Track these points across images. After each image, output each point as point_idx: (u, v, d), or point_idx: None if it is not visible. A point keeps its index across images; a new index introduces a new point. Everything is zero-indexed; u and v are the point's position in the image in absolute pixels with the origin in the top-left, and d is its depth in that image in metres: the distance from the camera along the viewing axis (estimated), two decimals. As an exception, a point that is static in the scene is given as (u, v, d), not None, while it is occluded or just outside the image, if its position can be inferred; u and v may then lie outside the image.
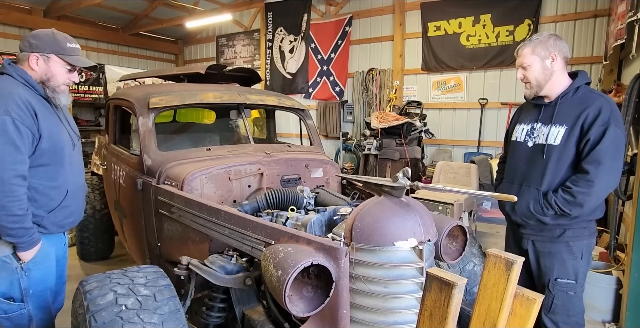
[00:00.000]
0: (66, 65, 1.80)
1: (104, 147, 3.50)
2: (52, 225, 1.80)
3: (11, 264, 1.69)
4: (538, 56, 1.88)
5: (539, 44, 1.88)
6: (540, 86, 1.92)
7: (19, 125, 1.61)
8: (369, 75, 7.53)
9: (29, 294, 1.74)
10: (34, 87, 1.74)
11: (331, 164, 2.68)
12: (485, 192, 1.28)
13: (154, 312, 1.34)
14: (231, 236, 1.71)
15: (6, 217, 1.58)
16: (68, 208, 1.86)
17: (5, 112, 1.58)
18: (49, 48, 1.75)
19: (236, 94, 2.82)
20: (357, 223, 1.40)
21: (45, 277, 1.81)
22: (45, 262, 1.80)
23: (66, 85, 1.85)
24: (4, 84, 1.68)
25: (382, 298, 1.37)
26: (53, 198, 1.79)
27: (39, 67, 1.75)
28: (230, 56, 9.72)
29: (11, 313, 1.72)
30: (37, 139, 1.70)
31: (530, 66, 1.90)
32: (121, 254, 4.05)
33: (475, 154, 6.42)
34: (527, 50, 1.91)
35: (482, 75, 6.51)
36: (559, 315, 1.91)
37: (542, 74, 1.89)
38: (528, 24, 5.96)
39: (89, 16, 8.72)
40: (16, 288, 1.72)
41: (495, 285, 1.31)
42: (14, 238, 1.63)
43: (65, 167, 1.83)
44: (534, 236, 1.97)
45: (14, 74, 1.72)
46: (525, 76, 1.94)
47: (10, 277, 1.70)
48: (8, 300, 1.71)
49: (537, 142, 1.94)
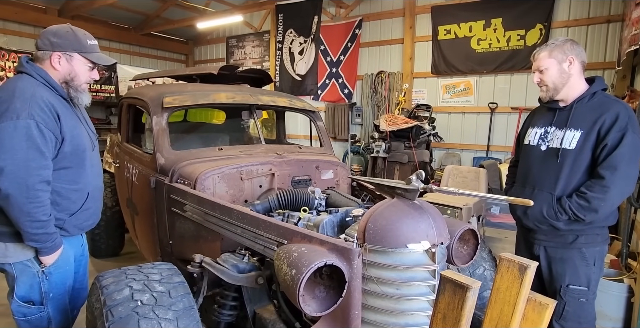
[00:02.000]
0: (88, 63, 1.75)
1: (116, 145, 3.54)
2: (74, 228, 1.80)
3: (32, 268, 1.69)
4: (555, 59, 1.88)
5: (556, 48, 1.88)
6: (557, 89, 1.91)
7: (43, 129, 1.57)
8: (378, 77, 7.54)
9: (49, 297, 1.75)
10: (55, 88, 1.69)
11: (341, 165, 2.69)
12: (500, 196, 1.28)
13: (169, 308, 1.35)
14: (243, 235, 1.72)
15: (30, 223, 1.56)
16: (88, 211, 1.85)
17: (29, 115, 1.54)
18: (71, 46, 1.69)
19: (248, 94, 2.84)
20: (370, 225, 1.41)
21: (65, 280, 1.81)
22: (65, 266, 1.80)
23: (87, 84, 1.81)
24: (26, 85, 1.61)
25: (394, 299, 1.38)
26: (75, 201, 1.77)
27: (62, 67, 1.69)
28: (239, 57, 9.79)
29: (31, 316, 1.73)
30: (60, 142, 1.66)
31: (547, 69, 1.89)
32: (131, 251, 4.09)
33: (484, 158, 6.39)
34: (544, 54, 1.90)
35: (492, 80, 6.49)
36: (570, 322, 1.89)
37: (559, 77, 1.88)
38: (540, 28, 5.94)
39: (102, 16, 8.84)
40: (36, 291, 1.72)
41: (508, 289, 1.31)
42: (37, 243, 1.62)
43: (86, 169, 1.80)
44: (546, 242, 1.96)
45: (34, 73, 1.65)
46: (542, 79, 1.93)
47: (31, 280, 1.70)
48: (27, 303, 1.71)
49: (550, 145, 1.93)
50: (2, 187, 1.50)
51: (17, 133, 1.52)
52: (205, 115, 4.60)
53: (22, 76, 1.66)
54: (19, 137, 1.52)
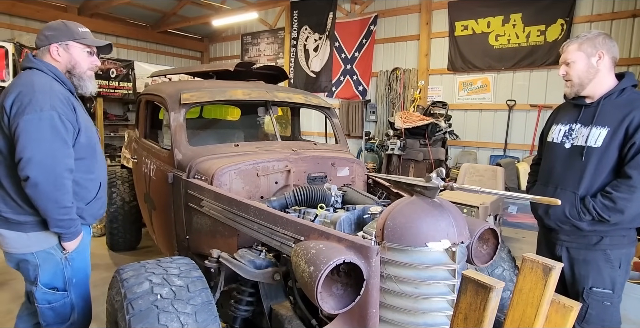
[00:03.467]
0: (85, 48, 1.80)
1: (134, 141, 3.59)
2: (89, 217, 1.86)
3: (55, 255, 1.75)
4: (584, 53, 1.81)
5: (587, 41, 1.81)
6: (583, 85, 1.84)
7: (64, 120, 1.64)
8: (393, 74, 7.46)
9: (72, 283, 1.80)
10: (64, 82, 1.76)
11: (357, 162, 2.66)
12: (526, 195, 1.25)
13: (188, 303, 1.36)
14: (260, 231, 1.72)
15: (58, 210, 1.62)
16: (100, 200, 1.92)
17: (52, 107, 1.60)
18: (65, 36, 1.75)
19: (264, 91, 2.84)
20: (389, 223, 1.39)
21: (86, 266, 1.88)
22: (85, 252, 1.87)
23: (91, 71, 1.86)
24: (42, 79, 1.67)
25: (412, 298, 1.36)
26: (90, 190, 1.84)
27: (61, 57, 1.75)
28: (254, 54, 9.82)
29: (55, 302, 1.78)
30: (77, 133, 1.73)
31: (575, 63, 1.82)
32: (148, 245, 4.16)
33: (502, 156, 6.27)
34: (574, 47, 1.83)
35: (510, 76, 6.35)
36: (593, 325, 1.84)
37: (586, 72, 1.81)
38: (561, 23, 5.77)
39: (120, 14, 8.99)
40: (59, 278, 1.77)
41: (532, 290, 1.28)
42: (62, 229, 1.68)
43: (98, 160, 1.88)
44: (568, 242, 1.90)
45: (44, 68, 1.71)
46: (568, 73, 1.85)
47: (54, 268, 1.76)
48: (52, 290, 1.77)
49: (575, 143, 1.86)
50: (32, 176, 1.56)
51: (42, 124, 1.58)
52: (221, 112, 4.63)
53: (34, 71, 1.72)
54: (44, 128, 1.59)
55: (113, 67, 7.27)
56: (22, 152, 1.56)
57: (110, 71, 7.22)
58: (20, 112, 1.57)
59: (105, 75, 7.19)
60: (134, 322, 1.28)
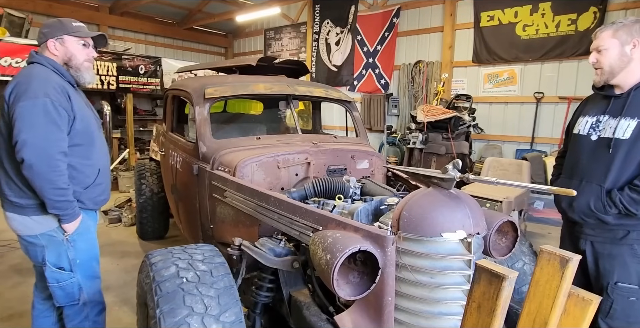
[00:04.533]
0: (79, 40, 1.92)
1: (162, 135, 3.74)
2: (89, 201, 1.97)
3: (57, 237, 1.87)
4: (618, 40, 1.73)
5: (622, 28, 1.72)
6: (613, 73, 1.76)
7: (57, 107, 1.76)
8: (416, 67, 7.35)
9: (77, 264, 1.92)
10: (62, 74, 1.89)
11: (377, 155, 2.68)
12: (540, 186, 1.24)
13: (211, 286, 1.44)
14: (280, 221, 1.78)
15: (53, 190, 1.73)
16: (100, 186, 2.02)
17: (45, 94, 1.73)
18: (59, 31, 1.88)
19: (285, 85, 2.89)
20: (405, 213, 1.41)
21: (89, 247, 1.99)
22: (87, 234, 1.97)
23: (89, 62, 1.97)
24: (40, 71, 1.83)
25: (427, 288, 1.38)
26: (88, 175, 1.94)
27: (58, 51, 1.89)
28: (277, 49, 9.90)
29: (63, 281, 1.90)
30: (72, 119, 1.84)
31: (607, 50, 1.75)
32: (175, 235, 4.34)
33: (528, 150, 6.10)
34: (608, 33, 1.75)
35: (538, 68, 6.14)
36: (618, 321, 1.80)
37: (619, 60, 1.73)
38: (594, 11, 5.52)
39: (148, 12, 9.26)
40: (64, 258, 1.89)
41: (548, 282, 1.28)
42: (59, 210, 1.78)
43: (96, 147, 1.98)
44: (593, 236, 1.86)
45: (44, 62, 1.86)
46: (599, 60, 1.78)
47: (58, 249, 1.88)
48: (59, 269, 1.90)
49: (602, 135, 1.80)
50: (26, 158, 1.68)
51: (36, 110, 1.71)
52: (244, 106, 4.73)
53: (34, 65, 1.88)
54: (38, 113, 1.72)
55: (142, 63, 7.51)
56: (17, 135, 1.69)
57: (139, 68, 7.46)
58: (17, 99, 1.72)
59: (134, 72, 7.44)
60: (162, 303, 1.36)
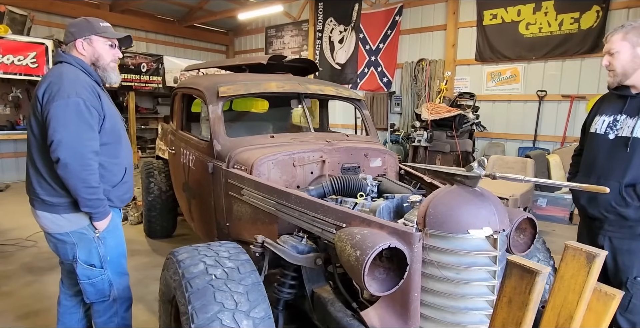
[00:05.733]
0: (107, 41, 1.93)
1: (170, 133, 3.74)
2: (116, 199, 1.98)
3: (88, 235, 1.88)
4: (629, 42, 1.79)
5: (632, 30, 1.79)
6: (627, 75, 1.82)
7: (89, 106, 1.77)
8: (419, 65, 7.38)
9: (107, 261, 1.94)
10: (90, 74, 1.90)
11: (389, 153, 2.70)
12: (573, 184, 1.27)
13: (239, 283, 1.46)
14: (301, 218, 1.80)
15: (85, 189, 1.74)
16: (127, 184, 2.04)
17: (77, 94, 1.75)
18: (87, 31, 1.89)
19: (297, 83, 2.90)
20: (431, 211, 1.44)
21: (118, 244, 2.01)
22: (116, 231, 1.99)
23: (114, 63, 1.98)
24: (69, 70, 1.83)
25: (453, 284, 1.41)
26: (116, 174, 1.96)
27: (86, 51, 1.89)
28: (278, 47, 9.88)
29: (94, 278, 1.92)
30: (102, 118, 1.86)
31: (619, 53, 1.81)
32: (183, 234, 4.35)
33: (531, 148, 6.15)
34: (618, 36, 1.81)
35: (541, 66, 6.18)
36: (637, 315, 1.84)
37: (631, 61, 1.79)
38: (596, 10, 5.55)
39: (148, 9, 9.21)
40: (95, 256, 1.91)
41: (574, 277, 1.30)
42: (91, 208, 1.80)
43: (122, 145, 2.00)
44: (611, 232, 1.90)
45: (72, 61, 1.87)
46: (611, 63, 1.85)
47: (89, 246, 1.90)
48: (90, 266, 1.91)
49: (619, 134, 1.85)
50: (62, 157, 1.69)
51: (69, 109, 1.73)
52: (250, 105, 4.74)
53: (63, 64, 1.88)
54: (71, 113, 1.73)
55: (144, 61, 7.49)
56: (52, 135, 1.70)
57: (141, 65, 7.45)
58: (50, 99, 1.73)
59: (136, 70, 7.43)
60: (193, 299, 1.38)
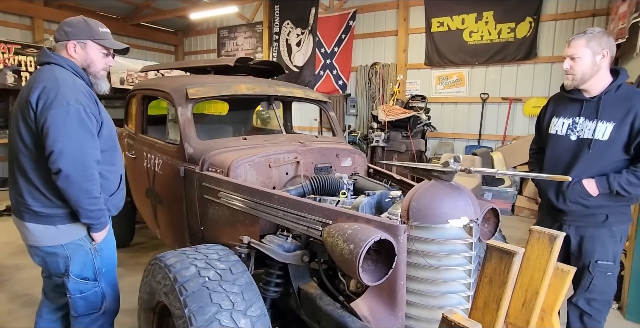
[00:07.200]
0: (102, 49, 1.80)
1: (127, 137, 3.57)
2: (113, 208, 1.90)
3: (85, 246, 1.78)
4: (591, 50, 1.89)
5: (594, 38, 1.88)
6: (584, 80, 1.94)
7: (89, 113, 1.67)
8: (373, 69, 7.66)
9: (102, 273, 1.84)
10: (83, 77, 1.77)
11: (359, 153, 2.82)
12: (542, 174, 1.44)
13: (234, 283, 1.47)
14: (285, 218, 1.84)
15: (88, 200, 1.65)
16: (122, 192, 1.96)
17: (77, 101, 1.63)
18: (84, 34, 1.75)
19: (266, 86, 2.93)
20: (414, 204, 1.55)
21: (113, 255, 1.93)
22: (112, 242, 1.92)
23: (104, 71, 1.87)
24: (63, 74, 1.69)
25: (435, 270, 1.53)
26: (113, 182, 1.87)
27: (78, 54, 1.76)
28: (231, 48, 9.73)
29: (87, 291, 1.81)
30: (100, 125, 1.76)
31: (581, 58, 1.90)
32: (141, 242, 4.15)
33: (476, 147, 6.64)
34: (581, 42, 1.90)
35: (483, 71, 6.71)
36: (595, 293, 2.04)
37: (590, 68, 1.91)
38: (529, 21, 6.16)
39: (89, 6, 8.60)
40: (89, 268, 1.81)
41: (539, 257, 1.49)
42: (92, 219, 1.71)
43: (117, 152, 1.92)
44: (576, 222, 2.06)
45: (63, 63, 1.72)
46: (572, 67, 1.93)
47: (84, 258, 1.79)
48: (83, 280, 1.81)
49: (581, 136, 1.98)
50: (64, 168, 1.58)
51: (70, 117, 1.61)
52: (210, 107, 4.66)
53: (53, 66, 1.72)
54: (72, 121, 1.61)
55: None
56: (52, 145, 1.58)
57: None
58: (48, 106, 1.59)
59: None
60: (190, 301, 1.37)
